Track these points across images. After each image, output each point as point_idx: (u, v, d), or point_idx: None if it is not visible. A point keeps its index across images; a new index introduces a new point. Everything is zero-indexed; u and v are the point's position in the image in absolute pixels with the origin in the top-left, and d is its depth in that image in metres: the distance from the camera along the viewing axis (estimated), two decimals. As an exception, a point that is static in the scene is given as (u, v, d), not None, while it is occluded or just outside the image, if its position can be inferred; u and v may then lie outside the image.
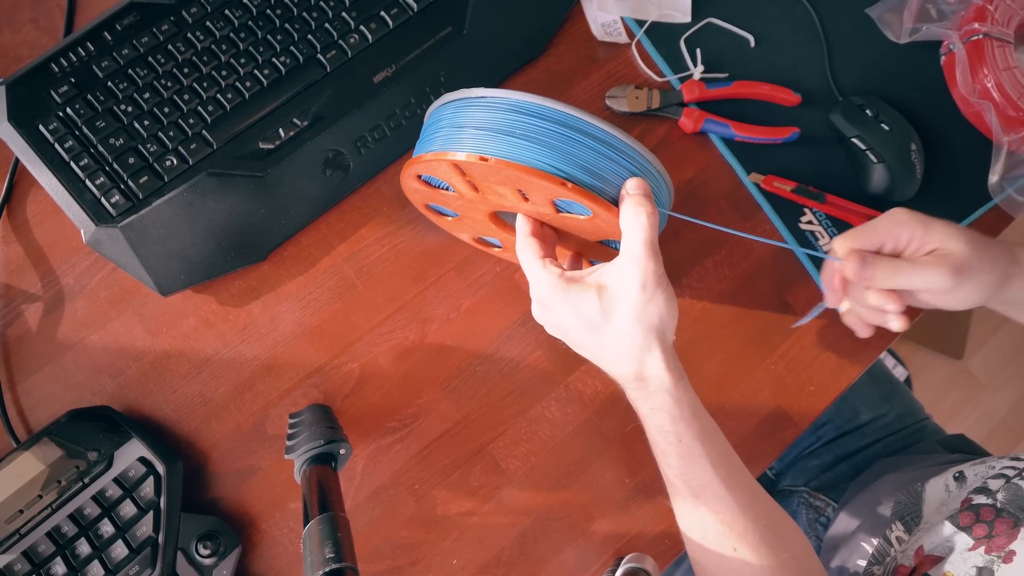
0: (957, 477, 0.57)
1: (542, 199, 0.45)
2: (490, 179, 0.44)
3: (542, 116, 0.43)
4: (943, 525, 0.53)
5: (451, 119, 0.45)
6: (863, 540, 0.63)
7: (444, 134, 0.45)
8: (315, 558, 0.39)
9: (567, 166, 0.42)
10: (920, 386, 1.49)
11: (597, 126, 0.43)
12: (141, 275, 0.53)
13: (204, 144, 0.55)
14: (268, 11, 0.57)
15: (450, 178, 0.46)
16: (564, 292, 0.43)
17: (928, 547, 0.53)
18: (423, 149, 0.46)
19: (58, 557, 0.48)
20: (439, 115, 0.47)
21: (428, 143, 0.46)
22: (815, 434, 0.80)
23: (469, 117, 0.44)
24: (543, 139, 0.42)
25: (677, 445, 0.44)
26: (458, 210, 0.51)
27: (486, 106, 0.44)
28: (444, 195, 0.50)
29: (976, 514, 0.51)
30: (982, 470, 0.56)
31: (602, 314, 0.42)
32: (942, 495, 0.57)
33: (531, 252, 0.45)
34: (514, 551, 0.56)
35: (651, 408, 0.44)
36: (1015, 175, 0.61)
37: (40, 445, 0.50)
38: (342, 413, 0.56)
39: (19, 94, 0.54)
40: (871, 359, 0.61)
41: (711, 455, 0.44)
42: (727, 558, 0.45)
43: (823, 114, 0.62)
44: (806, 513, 0.74)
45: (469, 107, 0.44)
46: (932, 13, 0.64)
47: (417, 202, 0.54)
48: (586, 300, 0.43)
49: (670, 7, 0.63)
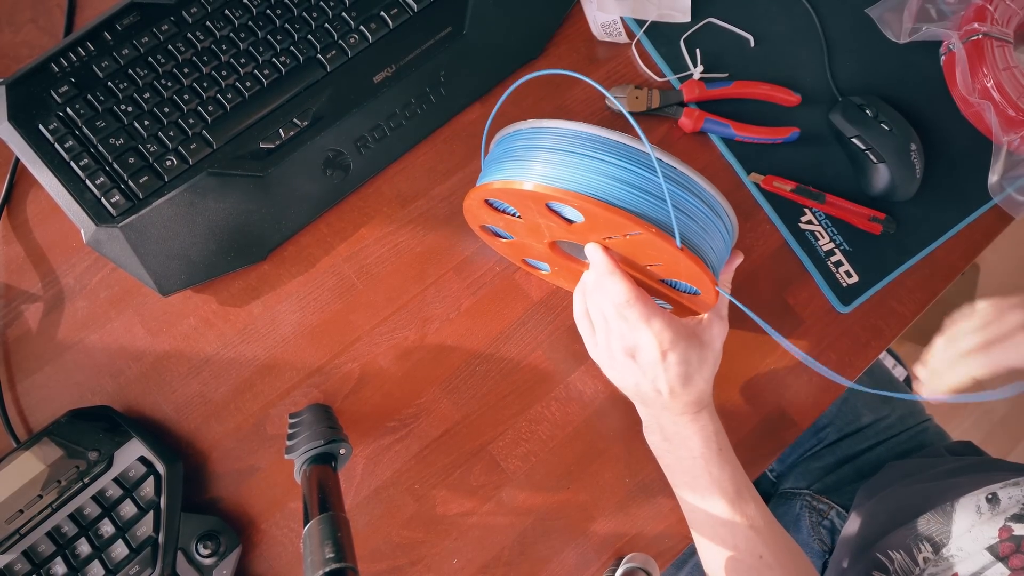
0: (990, 499, 0.57)
1: (640, 252, 0.45)
2: (596, 226, 0.44)
3: (652, 169, 0.42)
4: (981, 555, 0.52)
5: (556, 146, 0.44)
6: (880, 552, 0.62)
7: (548, 159, 0.44)
8: (315, 558, 0.39)
9: (667, 220, 0.42)
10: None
11: (708, 191, 0.44)
12: (141, 275, 0.53)
13: (204, 144, 0.55)
14: (268, 11, 0.57)
15: (526, 208, 0.46)
16: (685, 340, 0.48)
17: (964, 575, 0.53)
18: (518, 174, 0.44)
19: (58, 557, 0.48)
20: (541, 139, 0.45)
21: (522, 168, 0.44)
22: (816, 436, 0.80)
23: (584, 152, 0.43)
24: (650, 191, 0.42)
25: (719, 454, 0.51)
26: (517, 235, 0.51)
27: (603, 146, 0.43)
28: (509, 220, 0.49)
29: (1017, 545, 0.51)
30: (1017, 493, 0.55)
31: (699, 362, 0.49)
32: (973, 516, 0.56)
33: (650, 303, 0.48)
34: (514, 551, 0.56)
35: (702, 424, 0.51)
36: (1015, 175, 0.61)
37: (40, 445, 0.50)
38: (342, 413, 0.56)
39: (19, 94, 0.54)
40: (871, 358, 0.61)
41: (739, 466, 0.52)
42: (753, 566, 0.49)
43: (823, 114, 0.62)
44: (809, 516, 0.74)
45: (586, 141, 0.43)
46: (932, 13, 0.64)
47: (472, 221, 0.53)
48: (694, 349, 0.49)
49: (670, 7, 0.63)
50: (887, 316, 0.61)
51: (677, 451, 0.52)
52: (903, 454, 0.76)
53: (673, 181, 0.43)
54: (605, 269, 0.47)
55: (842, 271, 0.61)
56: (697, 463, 0.51)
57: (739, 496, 0.50)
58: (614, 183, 0.42)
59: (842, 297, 0.61)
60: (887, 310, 0.61)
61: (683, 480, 0.52)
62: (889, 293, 0.62)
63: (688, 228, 0.43)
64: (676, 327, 0.48)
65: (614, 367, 0.51)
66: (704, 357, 0.49)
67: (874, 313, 0.61)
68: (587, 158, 0.42)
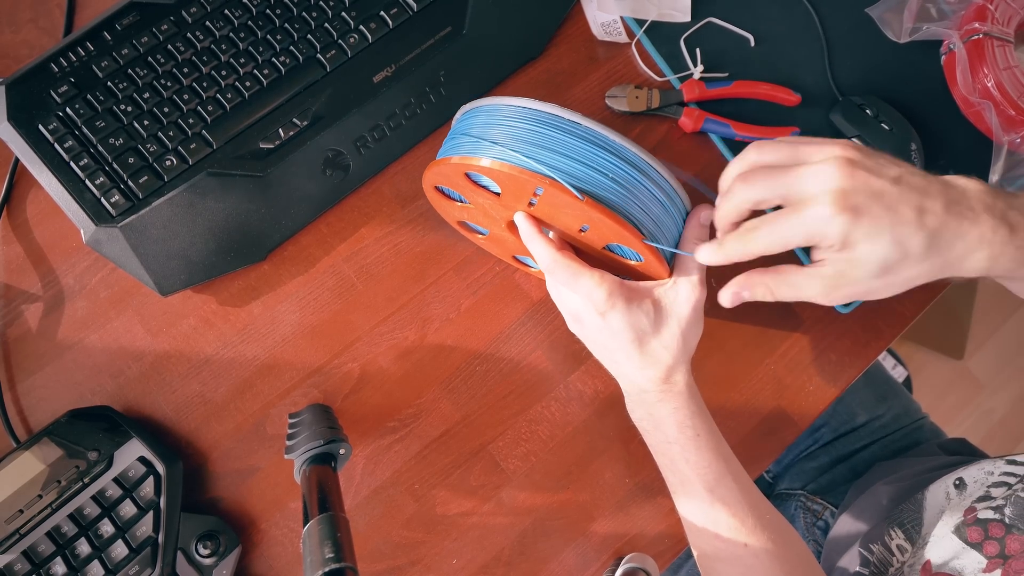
0: (957, 484, 0.57)
1: (562, 215, 0.45)
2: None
3: (597, 143, 0.42)
4: (950, 539, 0.52)
5: (505, 125, 0.44)
6: (862, 546, 0.62)
7: (464, 135, 0.45)
8: (315, 558, 0.39)
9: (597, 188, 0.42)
10: (920, 386, 1.49)
11: (633, 151, 0.43)
12: (141, 275, 0.53)
13: (204, 144, 0.55)
14: (268, 11, 0.57)
15: (461, 189, 0.46)
16: (625, 299, 0.45)
17: (936, 562, 0.52)
18: (466, 150, 0.44)
19: (58, 557, 0.48)
20: (465, 120, 0.46)
21: (447, 147, 0.45)
22: (812, 436, 0.80)
23: (528, 128, 0.43)
24: (552, 148, 0.42)
25: (695, 440, 0.47)
26: (478, 221, 0.51)
27: (553, 124, 0.43)
28: (463, 207, 0.49)
29: (984, 530, 0.50)
30: (981, 476, 0.55)
31: (652, 325, 0.45)
32: (942, 502, 0.56)
33: (575, 262, 0.45)
34: (514, 551, 0.56)
35: (674, 407, 0.47)
36: (1015, 175, 0.61)
37: (40, 445, 0.50)
38: (342, 413, 0.56)
39: (19, 94, 0.54)
40: (871, 359, 0.61)
41: (723, 451, 0.47)
42: (739, 555, 0.46)
43: (823, 114, 0.62)
44: (804, 516, 0.74)
45: (531, 117, 0.43)
46: (932, 12, 0.64)
47: (444, 215, 0.54)
48: (643, 310, 0.45)
49: (670, 7, 0.63)
50: (887, 316, 0.61)
51: (655, 433, 0.49)
52: (897, 452, 0.76)
53: (580, 137, 0.42)
54: (526, 235, 0.46)
55: (842, 271, 0.61)
56: (672, 448, 0.47)
57: (719, 483, 0.46)
58: (517, 144, 0.42)
59: (842, 297, 0.61)
60: (887, 310, 0.61)
61: (663, 463, 0.49)
62: (889, 293, 0.62)
63: (599, 184, 0.42)
64: (612, 285, 0.44)
65: (579, 336, 0.50)
66: (662, 320, 0.45)
67: (874, 313, 0.61)
68: (492, 126, 0.43)
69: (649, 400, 0.48)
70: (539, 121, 0.42)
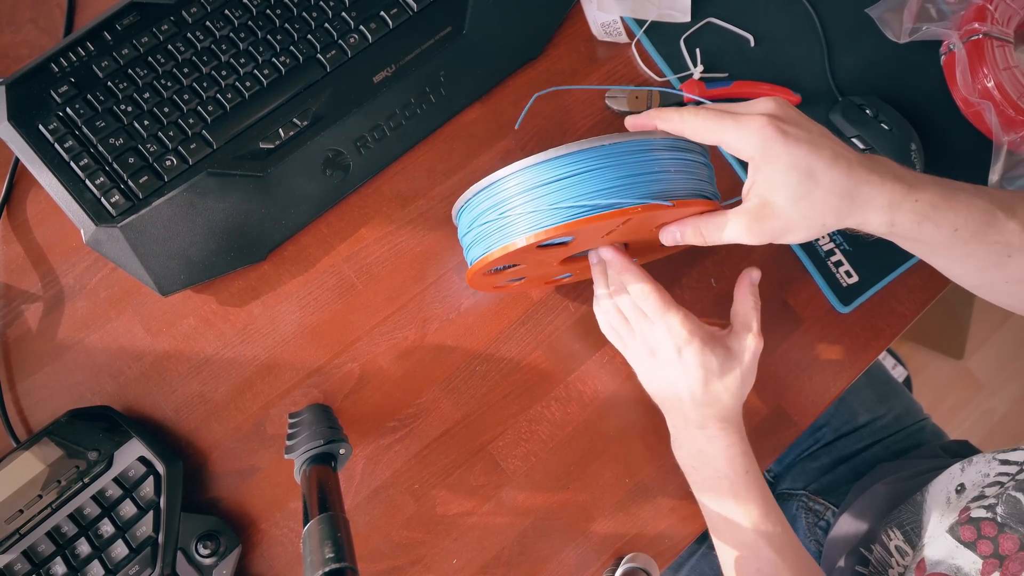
0: (959, 489, 0.57)
1: (641, 226, 0.45)
2: (588, 234, 0.44)
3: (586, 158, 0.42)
4: (944, 538, 0.52)
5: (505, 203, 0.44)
6: (862, 547, 0.62)
7: (518, 209, 0.44)
8: (315, 558, 0.39)
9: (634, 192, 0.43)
10: (920, 386, 1.49)
11: (660, 140, 0.43)
12: (141, 275, 0.53)
13: (204, 144, 0.55)
14: (268, 11, 0.57)
15: (522, 258, 0.46)
16: (701, 340, 0.48)
17: (930, 562, 0.53)
18: (491, 245, 0.45)
19: (58, 557, 0.48)
20: (499, 194, 0.45)
21: (501, 230, 0.45)
22: (813, 436, 0.80)
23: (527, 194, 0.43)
24: (616, 178, 0.42)
25: (744, 476, 0.50)
26: (528, 275, 0.52)
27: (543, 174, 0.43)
28: (514, 272, 0.50)
29: (977, 529, 0.50)
30: (979, 479, 0.55)
31: (720, 368, 0.48)
32: (943, 506, 0.57)
33: (665, 296, 0.48)
34: (514, 551, 0.56)
35: (727, 444, 0.50)
36: (1015, 175, 0.61)
37: (40, 445, 0.50)
38: (342, 413, 0.56)
39: (19, 94, 0.54)
40: (871, 359, 0.61)
41: (765, 491, 0.51)
42: None
43: (823, 114, 0.62)
44: (805, 517, 0.74)
45: (571, 163, 0.43)
46: (932, 13, 0.64)
47: (483, 289, 0.55)
48: (715, 353, 0.48)
49: (670, 7, 0.63)
50: (887, 316, 0.61)
51: (703, 469, 0.51)
52: (899, 453, 0.76)
53: (616, 155, 0.42)
54: (620, 266, 0.48)
55: (842, 271, 0.61)
56: (722, 483, 0.50)
57: (766, 520, 0.50)
58: (580, 193, 0.42)
59: (842, 297, 0.61)
60: (887, 310, 0.61)
61: (709, 499, 0.52)
62: (889, 293, 0.62)
63: (663, 182, 0.43)
64: (694, 325, 0.48)
65: (641, 368, 0.52)
66: (728, 366, 0.48)
67: (874, 313, 0.61)
68: (546, 186, 0.43)
69: (702, 437, 0.50)
70: (579, 162, 0.42)
